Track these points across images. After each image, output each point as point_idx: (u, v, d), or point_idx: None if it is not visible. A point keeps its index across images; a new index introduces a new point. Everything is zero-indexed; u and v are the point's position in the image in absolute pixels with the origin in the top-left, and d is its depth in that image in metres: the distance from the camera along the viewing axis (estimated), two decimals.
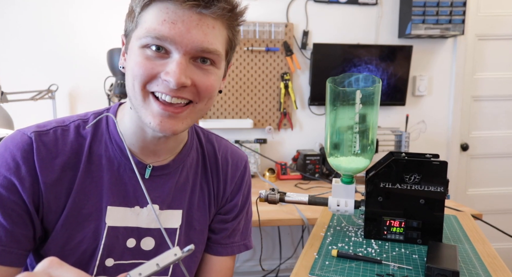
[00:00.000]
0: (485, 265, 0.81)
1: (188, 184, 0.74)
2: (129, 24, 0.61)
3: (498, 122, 2.45)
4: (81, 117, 0.69)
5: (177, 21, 0.55)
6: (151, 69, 0.57)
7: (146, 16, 0.57)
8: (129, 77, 0.60)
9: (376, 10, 2.25)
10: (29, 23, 2.02)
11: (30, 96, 1.85)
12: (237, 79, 2.20)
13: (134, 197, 0.68)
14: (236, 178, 0.82)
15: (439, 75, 2.36)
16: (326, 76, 0.96)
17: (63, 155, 0.64)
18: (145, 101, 0.59)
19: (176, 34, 0.55)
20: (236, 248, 0.83)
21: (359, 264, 0.82)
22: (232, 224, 0.82)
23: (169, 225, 0.72)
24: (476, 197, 2.51)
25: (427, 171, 0.88)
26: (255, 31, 2.15)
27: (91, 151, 0.66)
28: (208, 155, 0.79)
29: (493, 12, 2.34)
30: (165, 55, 0.57)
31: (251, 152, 2.12)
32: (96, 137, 0.68)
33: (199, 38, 0.56)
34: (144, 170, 0.69)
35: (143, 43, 0.57)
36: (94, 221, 0.65)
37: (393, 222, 0.92)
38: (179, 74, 0.56)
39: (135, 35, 0.59)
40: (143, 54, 0.57)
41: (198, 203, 0.76)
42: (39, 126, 0.65)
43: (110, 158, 0.67)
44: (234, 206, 0.81)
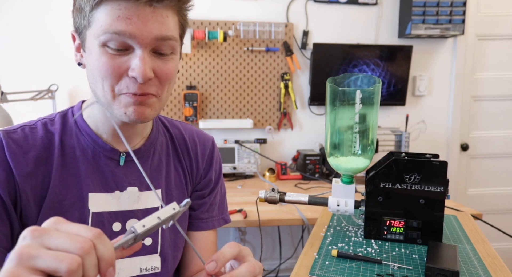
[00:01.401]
0: (485, 265, 0.81)
1: (162, 165, 0.78)
2: (80, 21, 0.61)
3: (498, 122, 2.45)
4: (46, 117, 0.72)
5: (132, 16, 0.57)
6: (117, 68, 0.59)
7: (99, 14, 0.58)
8: (96, 76, 0.61)
9: (376, 10, 2.25)
10: (29, 23, 2.02)
11: (30, 96, 1.85)
12: (237, 79, 2.20)
13: (113, 182, 0.71)
14: (206, 156, 0.86)
15: (439, 75, 2.36)
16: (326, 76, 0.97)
17: (34, 149, 0.66)
18: (115, 98, 0.62)
19: (134, 29, 0.57)
20: (216, 222, 0.87)
21: (359, 264, 0.82)
22: (209, 198, 0.86)
23: (150, 205, 0.75)
24: (476, 197, 2.51)
25: (427, 171, 0.88)
26: (255, 31, 2.15)
27: (63, 145, 0.69)
28: (177, 138, 0.83)
29: (493, 12, 2.34)
30: (126, 52, 0.59)
31: (251, 152, 2.12)
32: (66, 131, 0.70)
33: (156, 28, 0.59)
34: (118, 157, 0.72)
35: (103, 40, 0.58)
36: (78, 209, 0.67)
37: (393, 222, 0.92)
38: (144, 69, 0.58)
39: (91, 33, 0.60)
40: (105, 53, 0.59)
41: (175, 182, 0.80)
42: (6, 128, 0.68)
43: (84, 149, 0.70)
44: (208, 182, 0.86)
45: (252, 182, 2.04)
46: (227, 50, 2.17)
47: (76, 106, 0.75)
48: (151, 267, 0.74)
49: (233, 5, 2.16)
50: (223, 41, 2.04)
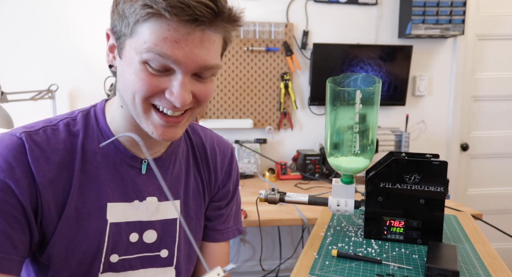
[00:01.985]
0: (485, 265, 0.81)
1: (182, 174, 0.76)
2: (121, 27, 0.57)
3: (498, 122, 2.45)
4: (68, 115, 0.69)
5: (180, 40, 0.53)
6: (155, 87, 0.57)
7: (145, 29, 0.54)
8: (128, 88, 0.58)
9: (376, 10, 2.25)
10: (29, 22, 2.02)
11: (30, 96, 1.85)
12: (237, 79, 2.20)
13: (132, 191, 0.68)
14: (225, 166, 0.84)
15: (439, 75, 2.36)
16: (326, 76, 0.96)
17: (57, 153, 0.63)
18: (146, 113, 0.59)
19: (180, 55, 0.54)
20: (231, 233, 0.85)
21: (359, 264, 0.82)
22: (225, 210, 0.84)
23: (169, 216, 0.72)
24: (476, 197, 2.51)
25: (427, 171, 0.88)
26: (255, 31, 2.15)
27: (85, 149, 0.65)
28: (197, 146, 0.80)
29: (493, 12, 2.34)
30: (167, 73, 0.56)
31: (251, 152, 2.12)
32: (88, 134, 0.67)
33: (202, 57, 0.56)
34: (139, 165, 0.70)
35: (145, 59, 0.55)
36: (95, 219, 0.65)
37: (393, 222, 0.92)
38: (183, 96, 0.56)
39: (132, 45, 0.56)
40: (145, 70, 0.56)
41: (193, 193, 0.77)
42: (26, 127, 0.64)
43: (105, 155, 0.67)
44: (226, 193, 0.84)
45: (252, 182, 2.04)
46: (227, 50, 2.16)
47: (99, 106, 0.71)
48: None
49: (233, 5, 2.15)
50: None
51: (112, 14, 0.59)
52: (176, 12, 0.51)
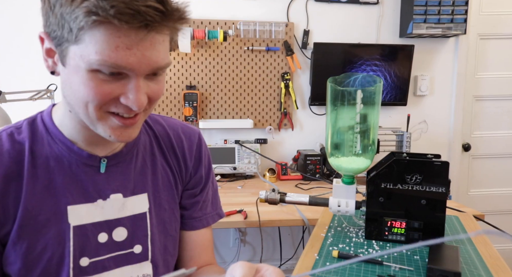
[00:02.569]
0: (487, 267, 0.80)
1: (147, 167, 0.74)
2: (61, 31, 0.54)
3: (500, 122, 2.44)
4: (12, 125, 0.67)
5: (132, 46, 0.51)
6: (108, 94, 0.55)
7: (92, 37, 0.51)
8: (78, 97, 0.56)
9: (377, 9, 2.24)
10: (28, 22, 2.02)
11: (29, 96, 1.84)
12: (237, 79, 2.19)
13: (94, 191, 0.67)
14: (194, 152, 0.82)
15: (441, 74, 2.35)
16: (326, 75, 0.96)
17: (2, 166, 0.61)
18: (101, 119, 0.58)
19: (134, 61, 0.52)
20: (210, 219, 0.84)
21: (360, 265, 0.81)
22: (201, 196, 0.83)
23: (137, 210, 0.71)
24: (478, 198, 2.49)
25: (429, 171, 0.87)
26: (255, 30, 2.14)
27: (34, 155, 0.64)
28: (161, 136, 0.79)
29: (495, 11, 2.32)
30: (119, 77, 0.54)
31: (251, 152, 2.12)
32: (36, 139, 0.65)
33: (154, 59, 0.55)
34: (98, 164, 0.68)
35: (96, 68, 0.52)
36: (55, 225, 0.63)
37: (394, 223, 0.91)
38: (139, 99, 0.55)
39: (78, 52, 0.52)
40: (95, 78, 0.53)
41: (162, 184, 0.76)
42: None
43: (58, 158, 0.65)
44: (199, 179, 0.82)
45: (252, 183, 2.03)
46: (227, 49, 2.16)
47: (46, 112, 0.69)
48: (143, 275, 0.71)
49: (233, 4, 2.15)
50: (223, 40, 2.04)
51: (46, 17, 0.57)
52: (127, 19, 0.49)
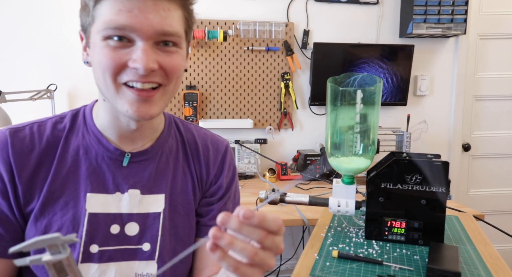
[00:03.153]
0: (487, 267, 0.80)
1: (169, 169, 0.76)
2: (85, 19, 0.62)
3: (500, 122, 2.44)
4: (58, 115, 0.73)
5: (133, 8, 0.57)
6: (118, 59, 0.59)
7: (101, 9, 0.58)
8: (98, 70, 0.61)
9: (377, 9, 2.24)
10: (28, 22, 2.02)
11: (29, 96, 1.84)
12: (237, 79, 2.19)
13: (114, 183, 0.70)
14: (218, 162, 0.82)
15: (441, 74, 2.35)
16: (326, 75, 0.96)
17: (38, 148, 0.67)
18: (118, 92, 0.62)
19: (134, 22, 0.57)
20: None
21: (360, 265, 0.81)
22: (218, 205, 0.82)
23: (152, 209, 0.72)
24: (478, 198, 2.49)
25: (429, 171, 0.87)
26: (255, 30, 2.14)
27: (67, 143, 0.69)
28: (188, 142, 0.80)
29: (495, 11, 2.32)
30: (128, 44, 0.59)
31: (251, 152, 2.12)
32: (73, 129, 0.71)
33: (158, 22, 0.58)
34: (122, 158, 0.71)
35: (104, 35, 0.58)
36: (72, 209, 0.67)
37: (394, 223, 0.91)
38: (146, 60, 0.58)
39: (94, 29, 0.60)
40: (107, 46, 0.59)
41: (181, 188, 0.77)
42: (16, 125, 0.69)
43: (87, 148, 0.70)
44: (218, 188, 0.82)
45: (252, 183, 2.03)
46: (227, 49, 2.16)
47: (89, 105, 0.75)
48: (146, 274, 0.71)
49: (233, 4, 2.15)
50: (223, 40, 2.04)
51: (79, 13, 0.64)
52: None
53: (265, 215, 0.45)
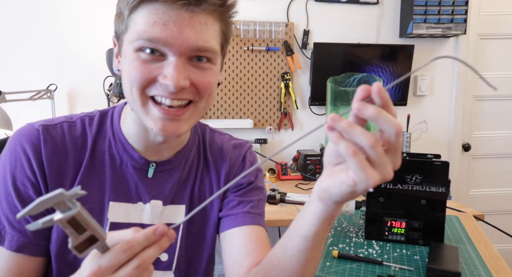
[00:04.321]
0: (487, 267, 0.80)
1: (190, 179, 0.74)
2: (119, 26, 0.59)
3: (500, 122, 2.43)
4: (87, 114, 0.71)
5: (168, 22, 0.54)
6: (148, 73, 0.56)
7: (136, 19, 0.55)
8: (126, 81, 0.59)
9: (377, 9, 2.24)
10: (28, 22, 2.02)
11: (29, 96, 1.84)
12: (237, 79, 2.19)
13: (136, 193, 0.69)
14: (239, 163, 0.79)
15: (441, 74, 2.35)
16: (326, 76, 0.96)
17: (69, 149, 0.65)
18: (145, 106, 0.59)
19: (169, 36, 0.54)
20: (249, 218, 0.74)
21: (360, 265, 0.81)
22: (236, 196, 0.76)
23: (172, 220, 0.71)
24: (478, 198, 2.49)
25: (429, 171, 0.87)
26: (255, 30, 2.14)
27: (95, 147, 0.68)
28: (210, 149, 0.78)
29: (495, 11, 2.32)
30: (160, 58, 0.56)
31: None
32: (101, 133, 0.69)
33: (193, 38, 0.55)
34: (147, 168, 0.69)
35: (136, 46, 0.56)
36: (95, 216, 0.65)
37: (394, 223, 0.91)
38: (177, 77, 0.55)
39: (127, 38, 0.58)
40: (138, 58, 0.56)
41: (199, 197, 0.75)
42: (47, 120, 0.67)
43: (113, 155, 0.68)
44: (238, 184, 0.77)
45: None
46: (227, 49, 2.15)
47: (118, 108, 0.72)
48: None
49: None
50: None
51: (114, 20, 0.61)
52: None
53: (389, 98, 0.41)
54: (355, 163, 0.40)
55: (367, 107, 0.40)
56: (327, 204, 0.48)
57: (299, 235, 0.54)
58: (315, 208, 0.50)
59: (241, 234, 0.72)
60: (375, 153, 0.40)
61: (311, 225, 0.51)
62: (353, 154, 0.40)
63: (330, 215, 0.49)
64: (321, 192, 0.48)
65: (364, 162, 0.40)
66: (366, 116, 0.40)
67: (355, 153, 0.40)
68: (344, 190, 0.43)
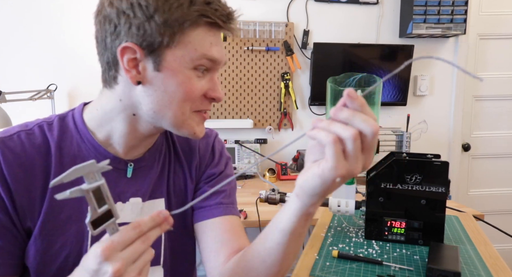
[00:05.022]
0: (487, 267, 0.80)
1: (165, 171, 0.75)
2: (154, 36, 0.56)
3: (500, 122, 2.44)
4: (44, 120, 0.67)
5: (218, 43, 0.61)
6: (200, 90, 0.62)
7: (194, 36, 0.58)
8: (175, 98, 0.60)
9: (377, 9, 2.24)
10: (28, 22, 2.02)
11: (29, 96, 1.84)
12: (237, 79, 2.19)
13: (115, 193, 0.67)
14: (208, 152, 0.81)
15: (441, 74, 2.35)
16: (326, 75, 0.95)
17: (32, 159, 0.62)
18: (189, 118, 0.64)
19: (221, 57, 0.62)
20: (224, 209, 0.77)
21: (360, 265, 0.81)
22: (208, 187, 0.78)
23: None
24: (477, 198, 2.49)
25: (429, 171, 0.87)
26: (255, 30, 2.14)
27: (62, 153, 0.64)
28: (179, 142, 0.79)
29: (495, 11, 2.32)
30: (206, 74, 0.63)
31: (251, 152, 2.12)
32: (65, 137, 0.66)
33: (224, 55, 0.64)
34: (125, 167, 0.69)
35: (197, 64, 0.60)
36: (75, 224, 0.63)
37: (394, 223, 0.91)
38: (221, 91, 0.64)
39: (178, 54, 0.58)
40: (193, 76, 0.60)
41: (174, 189, 0.75)
42: (2, 132, 0.63)
43: (85, 158, 0.65)
44: (210, 176, 0.79)
45: (252, 183, 2.03)
46: (227, 49, 2.16)
47: (77, 109, 0.69)
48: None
49: (233, 4, 2.13)
50: (223, 40, 2.04)
51: (140, 27, 0.56)
52: (225, 20, 0.59)
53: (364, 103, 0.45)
54: (332, 150, 0.44)
55: (342, 109, 0.45)
56: (302, 200, 0.52)
57: (278, 229, 0.58)
58: (292, 204, 0.54)
59: (215, 225, 0.75)
60: (353, 146, 0.44)
61: (288, 221, 0.55)
62: (333, 141, 0.44)
63: (306, 211, 0.53)
64: (297, 188, 0.52)
65: (339, 152, 0.44)
66: (342, 118, 0.45)
67: (335, 141, 0.44)
68: (315, 181, 0.48)
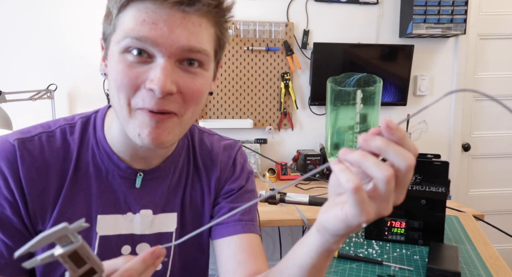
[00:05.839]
0: (487, 266, 0.80)
1: (181, 185, 0.71)
2: (107, 27, 0.56)
3: (500, 122, 2.44)
4: (68, 122, 0.66)
5: (159, 21, 0.50)
6: (134, 79, 0.52)
7: (124, 17, 0.52)
8: (112, 87, 0.55)
9: (377, 9, 2.24)
10: (28, 22, 2.02)
11: (29, 96, 1.84)
12: (237, 79, 2.19)
13: (125, 203, 0.66)
14: (229, 166, 0.77)
15: (441, 74, 2.35)
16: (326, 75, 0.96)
17: (49, 163, 0.61)
18: (131, 115, 0.55)
19: (158, 35, 0.50)
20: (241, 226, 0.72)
21: (360, 265, 0.81)
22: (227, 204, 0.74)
23: (164, 229, 0.69)
24: (477, 198, 2.49)
25: (429, 171, 0.87)
26: (255, 30, 2.14)
27: (79, 159, 0.63)
28: (200, 152, 0.75)
29: (495, 11, 2.32)
30: (148, 60, 0.52)
31: (251, 152, 2.12)
32: (84, 143, 0.64)
33: (184, 37, 0.51)
34: (134, 177, 0.66)
35: (123, 46, 0.52)
36: (83, 232, 0.62)
37: (394, 223, 0.91)
38: (164, 80, 0.50)
39: (114, 39, 0.54)
40: (124, 60, 0.52)
41: (190, 204, 0.72)
42: (22, 132, 0.62)
43: (98, 165, 0.64)
44: (229, 191, 0.76)
45: None
46: (227, 49, 2.16)
47: (100, 114, 0.67)
48: None
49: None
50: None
51: (103, 21, 0.57)
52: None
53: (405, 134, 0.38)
54: (353, 199, 0.38)
55: (374, 138, 0.38)
56: (324, 237, 0.47)
57: (296, 265, 0.52)
58: (312, 240, 0.49)
59: (232, 243, 0.71)
60: (387, 188, 0.38)
61: (307, 257, 0.50)
62: (354, 190, 0.37)
63: (328, 248, 0.48)
64: (319, 224, 0.46)
65: (363, 199, 0.38)
66: (373, 147, 0.38)
67: (356, 190, 0.37)
68: (338, 225, 0.43)
